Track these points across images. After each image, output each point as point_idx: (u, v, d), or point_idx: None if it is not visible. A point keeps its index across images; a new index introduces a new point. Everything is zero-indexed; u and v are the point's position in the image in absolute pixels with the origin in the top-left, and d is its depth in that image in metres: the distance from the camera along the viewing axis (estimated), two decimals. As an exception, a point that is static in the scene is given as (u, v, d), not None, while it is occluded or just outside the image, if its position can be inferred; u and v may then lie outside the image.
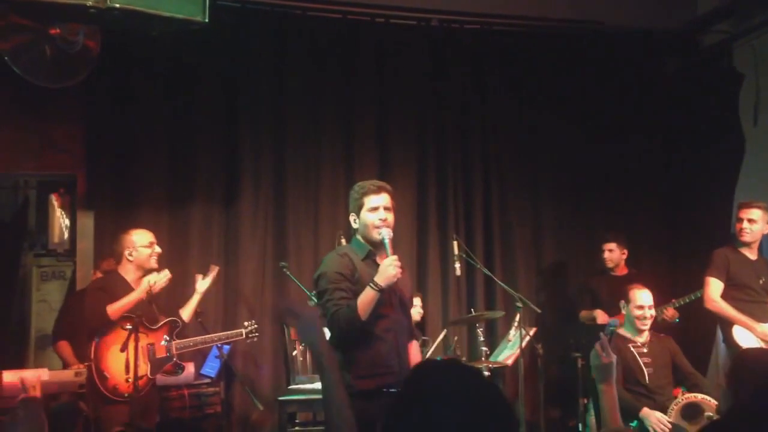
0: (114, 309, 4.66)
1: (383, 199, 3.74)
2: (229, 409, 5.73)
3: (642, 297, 5.11)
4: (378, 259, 3.74)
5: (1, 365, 4.94)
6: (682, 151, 7.07)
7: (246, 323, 5.39)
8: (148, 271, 4.92)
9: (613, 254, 6.30)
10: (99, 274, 5.47)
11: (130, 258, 4.88)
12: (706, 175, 6.91)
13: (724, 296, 5.46)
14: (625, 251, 6.35)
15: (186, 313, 5.10)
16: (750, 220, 5.46)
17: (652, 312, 5.11)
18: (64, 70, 4.54)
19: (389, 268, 3.57)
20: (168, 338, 4.93)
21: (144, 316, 4.79)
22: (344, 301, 3.54)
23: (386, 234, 3.69)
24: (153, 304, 4.96)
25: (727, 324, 5.46)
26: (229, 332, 5.32)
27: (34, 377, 4.40)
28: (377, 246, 3.76)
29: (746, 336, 5.33)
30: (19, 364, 5.61)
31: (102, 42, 4.70)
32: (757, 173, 6.62)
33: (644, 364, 5.00)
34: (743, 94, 6.83)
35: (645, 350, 5.07)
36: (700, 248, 5.97)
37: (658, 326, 5.57)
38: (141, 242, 4.91)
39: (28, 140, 5.75)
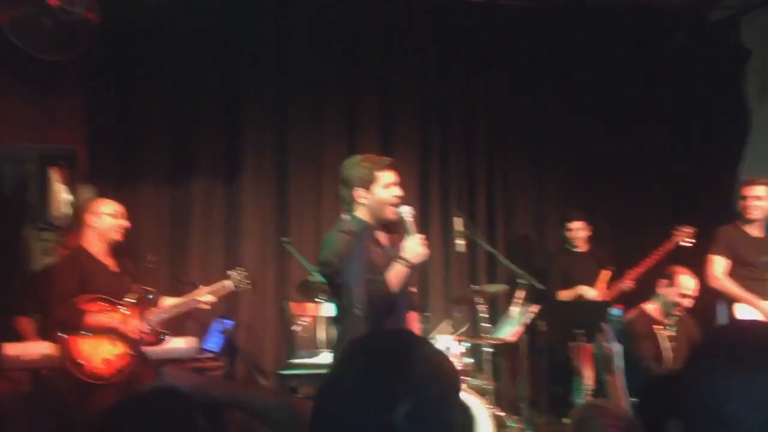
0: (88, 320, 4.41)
1: (395, 176, 3.68)
2: (231, 383, 5.73)
3: (689, 285, 5.04)
4: (377, 235, 3.70)
5: (2, 338, 4.90)
6: (687, 127, 7.01)
7: (229, 272, 5.01)
8: (111, 243, 4.65)
9: (580, 233, 6.26)
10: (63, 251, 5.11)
11: (94, 224, 4.61)
12: (711, 152, 6.86)
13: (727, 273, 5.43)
14: (589, 228, 6.30)
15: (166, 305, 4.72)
16: (757, 197, 5.42)
17: (691, 301, 5.06)
18: (63, 42, 4.52)
19: (418, 248, 3.54)
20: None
21: (111, 293, 4.52)
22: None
23: (408, 212, 3.63)
24: (125, 276, 4.67)
25: (729, 302, 5.44)
26: (211, 287, 4.84)
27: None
28: (382, 223, 3.70)
29: (749, 314, 5.31)
30: (20, 337, 5.59)
31: (103, 15, 4.67)
32: (763, 150, 6.57)
33: (664, 348, 4.98)
34: (750, 71, 6.77)
35: (671, 334, 5.05)
36: (704, 225, 5.93)
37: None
38: (106, 210, 4.65)
39: (29, 114, 5.71)
